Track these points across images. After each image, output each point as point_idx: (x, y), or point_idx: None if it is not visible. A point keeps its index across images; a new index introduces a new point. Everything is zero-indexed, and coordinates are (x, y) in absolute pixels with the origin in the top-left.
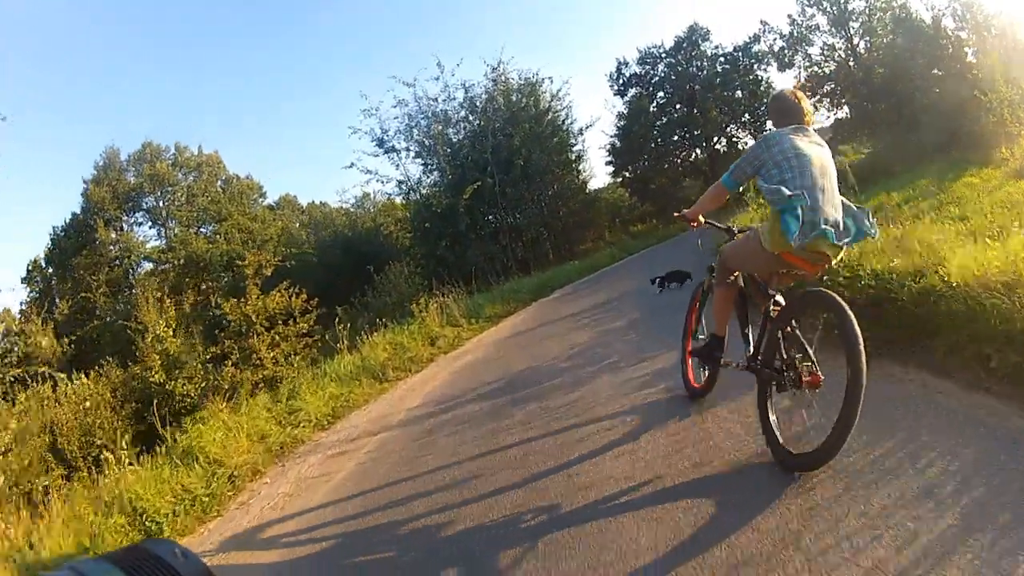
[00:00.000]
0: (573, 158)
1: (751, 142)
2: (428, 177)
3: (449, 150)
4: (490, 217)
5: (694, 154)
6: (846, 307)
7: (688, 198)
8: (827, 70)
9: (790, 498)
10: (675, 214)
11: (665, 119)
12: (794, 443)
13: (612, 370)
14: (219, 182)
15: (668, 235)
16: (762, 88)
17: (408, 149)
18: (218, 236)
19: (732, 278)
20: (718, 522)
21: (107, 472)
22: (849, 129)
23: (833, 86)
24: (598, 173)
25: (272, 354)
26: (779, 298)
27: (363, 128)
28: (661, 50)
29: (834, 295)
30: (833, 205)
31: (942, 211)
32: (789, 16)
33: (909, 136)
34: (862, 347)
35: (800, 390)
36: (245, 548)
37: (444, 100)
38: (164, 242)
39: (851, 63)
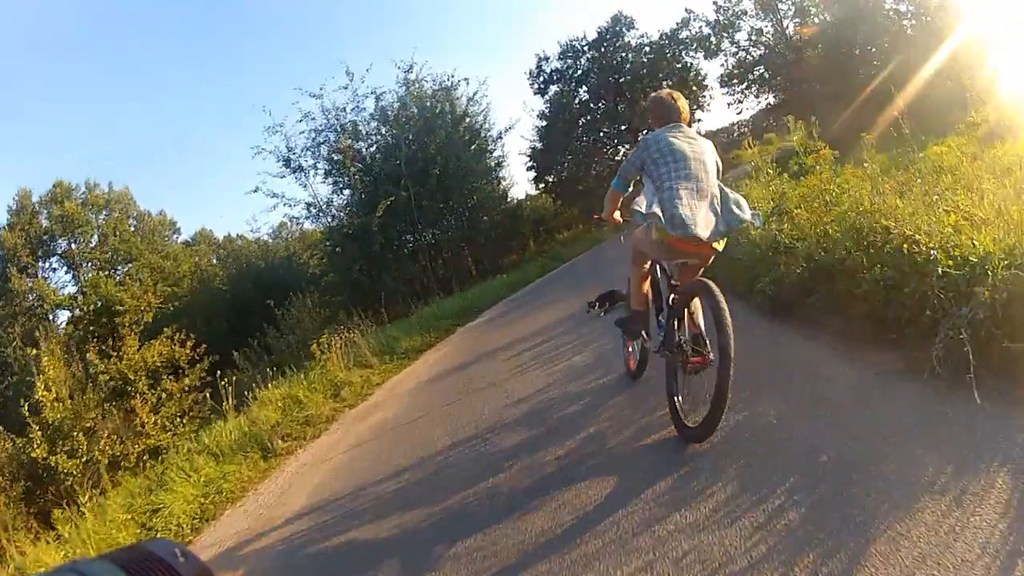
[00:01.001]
0: (493, 164)
1: None
2: (339, 196)
3: (360, 165)
4: (408, 236)
5: (623, 149)
6: (719, 295)
7: None
8: (755, 55)
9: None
10: (594, 216)
11: (590, 116)
12: (691, 417)
13: (597, 465)
14: (131, 220)
15: (601, 238)
16: (691, 75)
17: (316, 167)
18: (127, 278)
19: (646, 266)
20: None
21: None
22: (783, 113)
23: (762, 71)
24: (520, 181)
25: (155, 418)
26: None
27: (267, 148)
28: (583, 43)
29: (710, 284)
30: (703, 198)
31: (934, 182)
32: (715, 3)
33: (859, 112)
34: (731, 331)
35: (696, 370)
36: None
37: (353, 111)
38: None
39: (780, 46)
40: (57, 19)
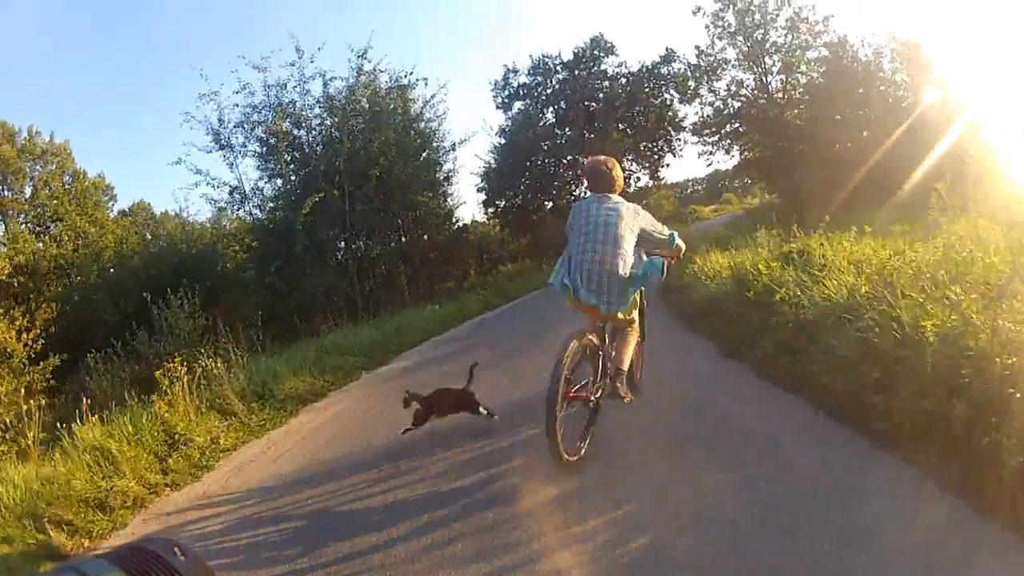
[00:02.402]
0: (441, 178)
1: (643, 179)
2: (270, 186)
3: (298, 155)
4: (340, 243)
5: (586, 182)
6: (600, 352)
7: None
8: (733, 107)
9: None
10: None
11: (554, 141)
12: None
13: None
14: (66, 176)
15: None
16: (668, 114)
17: (245, 146)
18: (49, 239)
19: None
20: None
21: None
22: (754, 170)
23: (737, 124)
24: (469, 201)
25: None
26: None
27: (197, 117)
28: (557, 61)
29: (594, 340)
30: (609, 270)
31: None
32: (697, 47)
33: (835, 176)
34: (605, 376)
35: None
36: None
37: (298, 92)
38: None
39: (762, 100)
40: None
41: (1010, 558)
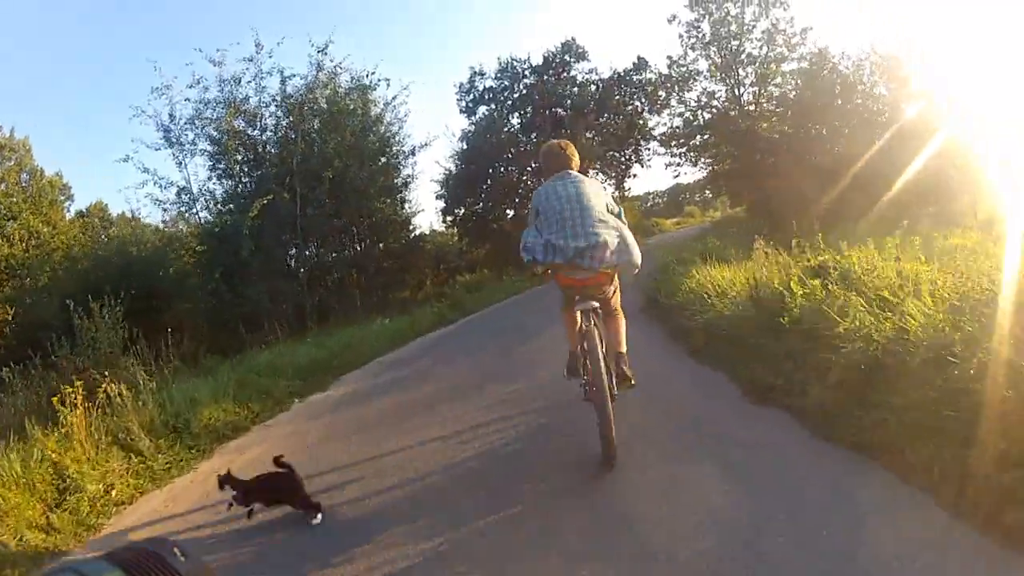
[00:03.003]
0: (399, 183)
1: (610, 188)
2: (219, 186)
3: (251, 155)
4: (292, 249)
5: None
6: (594, 343)
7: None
8: (703, 118)
9: None
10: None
11: (519, 148)
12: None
13: None
14: (24, 174)
15: (515, 289)
16: (639, 123)
17: (195, 144)
18: (1, 237)
19: (570, 309)
20: None
21: None
22: (721, 183)
23: (707, 137)
24: (427, 208)
25: None
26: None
27: (148, 111)
28: (526, 65)
29: (592, 332)
30: (584, 232)
31: None
32: (669, 57)
33: (805, 191)
34: (601, 367)
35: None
36: None
37: (253, 88)
38: None
39: (733, 112)
40: None
41: None
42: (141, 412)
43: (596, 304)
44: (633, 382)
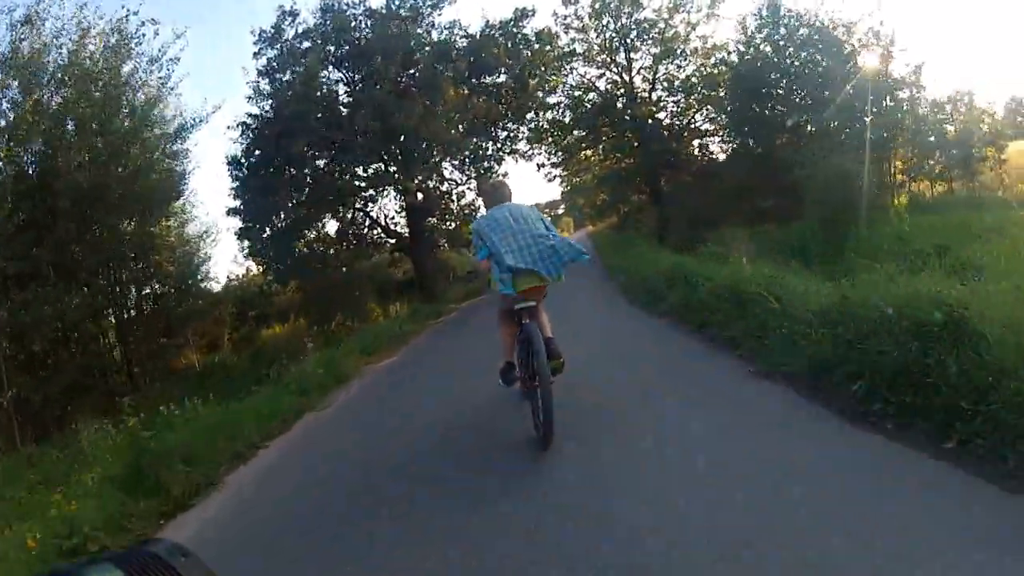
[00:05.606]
0: (163, 177)
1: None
2: None
3: None
4: None
5: (390, 195)
6: (537, 335)
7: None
8: (579, 111)
9: None
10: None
11: (345, 118)
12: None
13: None
14: None
15: (398, 336)
16: (533, 83)
17: None
18: None
19: (509, 322)
20: None
21: None
22: (625, 181)
23: (583, 133)
24: (221, 226)
25: None
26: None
27: None
28: (361, 10)
29: (533, 327)
30: (536, 245)
31: None
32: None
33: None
34: (543, 357)
35: (532, 392)
36: None
37: None
38: None
39: (623, 102)
40: None
41: None
42: None
43: (534, 303)
44: (563, 362)
